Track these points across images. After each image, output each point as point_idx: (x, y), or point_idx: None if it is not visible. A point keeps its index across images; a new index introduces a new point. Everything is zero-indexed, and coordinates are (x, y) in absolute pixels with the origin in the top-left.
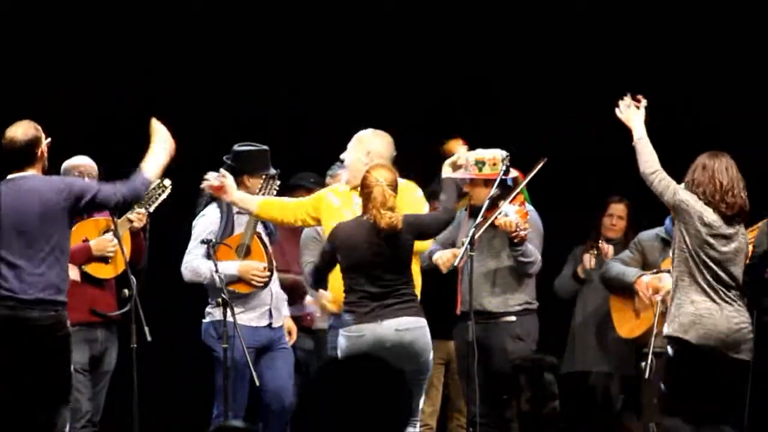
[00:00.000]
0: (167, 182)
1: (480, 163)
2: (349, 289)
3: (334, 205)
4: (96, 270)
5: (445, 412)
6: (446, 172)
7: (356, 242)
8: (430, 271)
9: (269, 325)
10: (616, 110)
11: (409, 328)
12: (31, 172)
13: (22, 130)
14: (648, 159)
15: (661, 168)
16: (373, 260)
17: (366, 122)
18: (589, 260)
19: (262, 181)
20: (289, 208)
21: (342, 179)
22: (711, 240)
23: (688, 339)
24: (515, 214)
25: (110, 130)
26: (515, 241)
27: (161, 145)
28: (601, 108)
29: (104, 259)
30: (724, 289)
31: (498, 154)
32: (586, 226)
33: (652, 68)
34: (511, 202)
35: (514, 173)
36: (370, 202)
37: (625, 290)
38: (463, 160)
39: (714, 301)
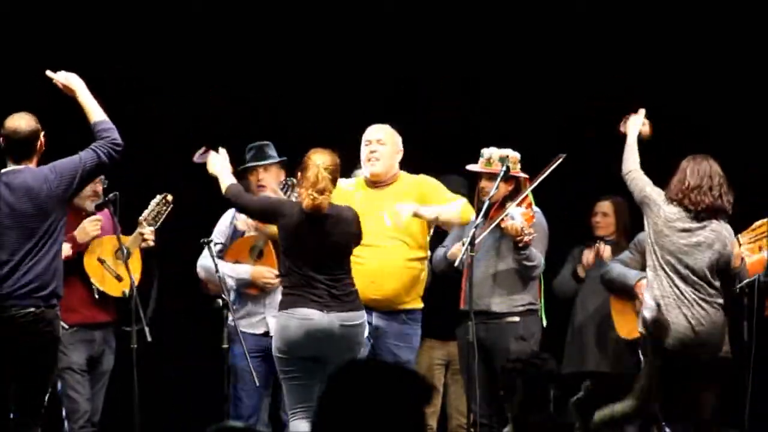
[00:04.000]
0: (170, 197)
1: (503, 160)
2: (289, 271)
3: (344, 188)
4: (111, 288)
5: (445, 412)
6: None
7: (292, 223)
8: (431, 272)
9: (266, 333)
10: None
11: (355, 323)
12: (25, 166)
13: (25, 122)
14: (627, 160)
15: (638, 169)
16: (310, 245)
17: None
18: (586, 258)
19: (282, 183)
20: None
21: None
22: (666, 231)
23: (647, 334)
24: (521, 216)
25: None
26: (520, 245)
27: (80, 91)
28: (601, 109)
29: (118, 278)
30: (682, 282)
31: (517, 155)
32: (585, 226)
33: (646, 70)
34: (518, 204)
35: (522, 175)
36: (304, 183)
37: (626, 292)
38: (487, 154)
39: (675, 295)
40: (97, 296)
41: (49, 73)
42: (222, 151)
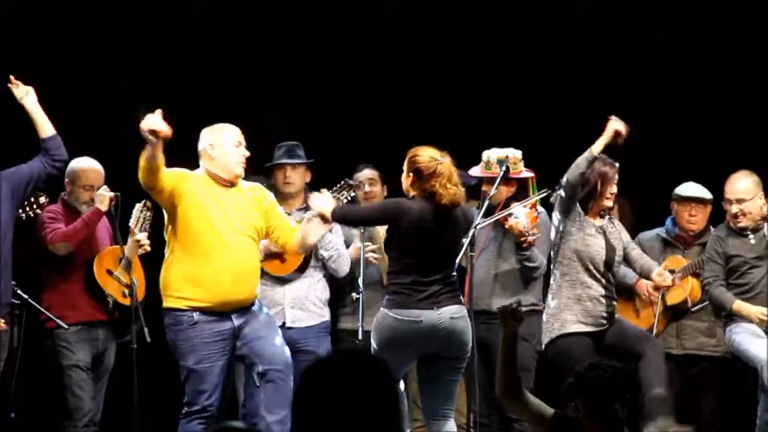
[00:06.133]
0: (149, 203)
1: (502, 162)
2: (402, 269)
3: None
4: (124, 298)
5: None
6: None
7: (414, 221)
8: None
9: (283, 324)
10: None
11: (462, 315)
12: None
13: None
14: (575, 165)
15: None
16: (435, 242)
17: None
18: None
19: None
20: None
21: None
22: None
23: None
24: (525, 217)
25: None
26: (523, 245)
27: (31, 103)
28: (602, 109)
29: (128, 287)
30: None
31: (517, 153)
32: None
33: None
34: (524, 205)
35: (528, 173)
36: (437, 179)
37: (627, 291)
38: (485, 157)
39: None
40: (111, 306)
41: (12, 79)
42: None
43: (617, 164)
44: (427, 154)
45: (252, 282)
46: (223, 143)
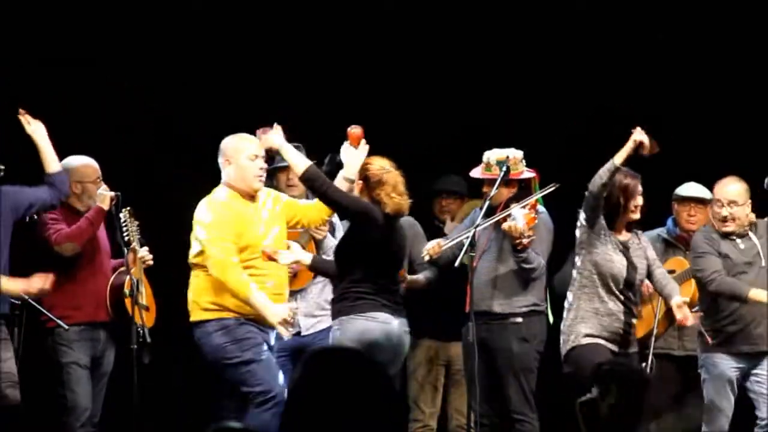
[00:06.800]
0: (131, 210)
1: (502, 163)
2: (364, 276)
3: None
4: (147, 320)
5: (445, 412)
6: None
7: (380, 229)
8: (438, 269)
9: (298, 333)
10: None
11: (407, 330)
12: None
13: None
14: (598, 176)
15: None
16: (393, 250)
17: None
18: None
19: None
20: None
21: None
22: None
23: None
24: (523, 218)
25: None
26: (519, 247)
27: (41, 140)
28: (602, 109)
29: (146, 308)
30: None
31: (518, 153)
32: None
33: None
34: (523, 206)
35: (529, 174)
36: (383, 188)
37: None
38: (486, 158)
39: None
40: (141, 333)
41: (21, 112)
42: (277, 127)
43: (639, 176)
44: (377, 164)
45: (285, 297)
46: (239, 158)
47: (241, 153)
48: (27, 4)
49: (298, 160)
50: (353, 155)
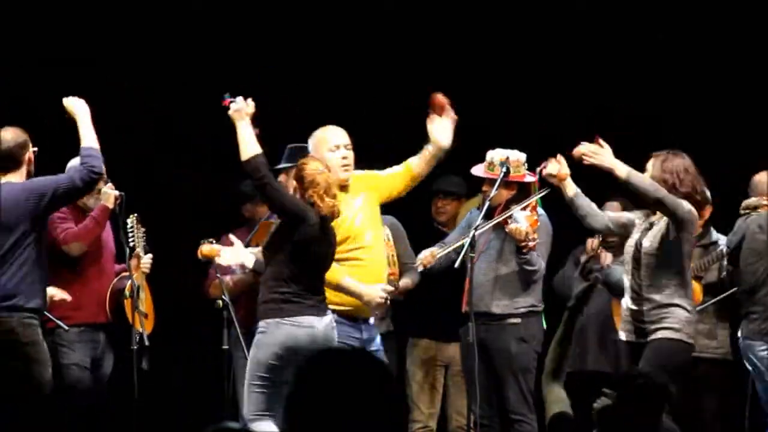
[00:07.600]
0: (138, 216)
1: (502, 164)
2: (293, 277)
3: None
4: (147, 326)
5: (445, 413)
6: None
7: (314, 231)
8: (431, 275)
9: None
10: (585, 159)
11: (334, 326)
12: (6, 180)
13: (11, 134)
14: (652, 184)
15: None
16: (324, 252)
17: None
18: (590, 244)
19: None
20: None
21: None
22: None
23: None
24: (526, 220)
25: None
26: (524, 250)
27: (81, 118)
28: (602, 109)
29: (146, 315)
30: None
31: (521, 156)
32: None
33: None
34: (523, 208)
35: (531, 178)
36: (315, 190)
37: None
38: (489, 158)
39: None
40: (139, 338)
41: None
42: (250, 102)
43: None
44: (313, 164)
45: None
46: (322, 150)
47: (323, 145)
48: (27, 4)
49: (247, 144)
50: (442, 124)
